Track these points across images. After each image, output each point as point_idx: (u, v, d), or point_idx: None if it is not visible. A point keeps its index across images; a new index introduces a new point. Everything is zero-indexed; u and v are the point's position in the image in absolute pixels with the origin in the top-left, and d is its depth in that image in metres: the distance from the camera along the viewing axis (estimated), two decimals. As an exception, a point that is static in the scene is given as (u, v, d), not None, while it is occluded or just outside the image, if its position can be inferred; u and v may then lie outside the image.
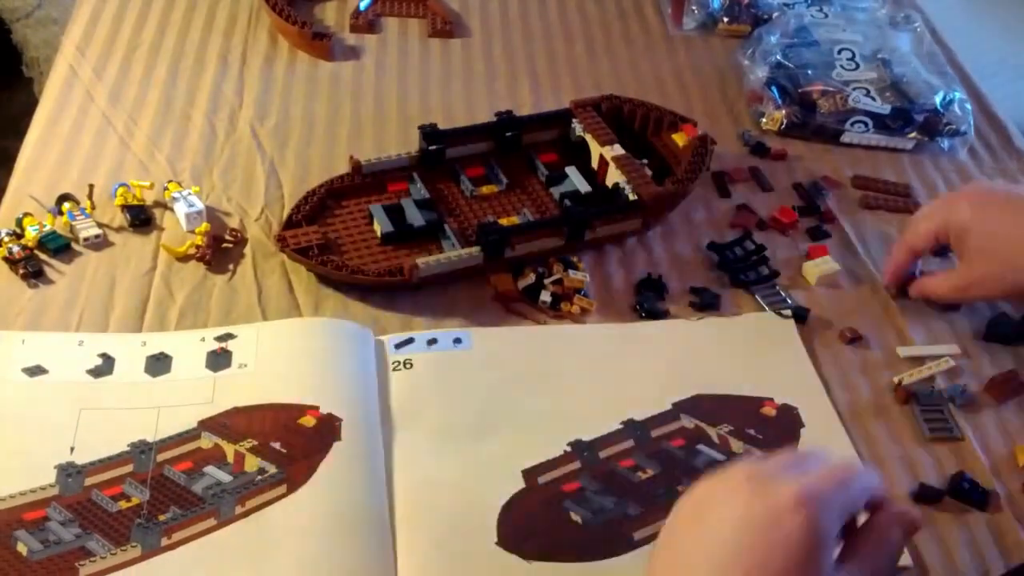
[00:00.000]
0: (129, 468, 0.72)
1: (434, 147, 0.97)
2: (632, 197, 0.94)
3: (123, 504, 0.70)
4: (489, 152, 1.01)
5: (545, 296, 0.88)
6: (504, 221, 0.92)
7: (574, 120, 1.02)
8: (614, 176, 0.96)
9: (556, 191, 0.97)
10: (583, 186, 0.97)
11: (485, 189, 0.98)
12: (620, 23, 1.28)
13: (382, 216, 0.91)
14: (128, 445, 0.73)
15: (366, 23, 1.21)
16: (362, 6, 1.23)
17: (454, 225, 0.93)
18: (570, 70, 1.18)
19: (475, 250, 0.88)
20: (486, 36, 1.23)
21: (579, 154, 1.01)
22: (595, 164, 0.99)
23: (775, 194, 1.04)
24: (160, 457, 0.73)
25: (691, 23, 1.27)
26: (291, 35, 1.16)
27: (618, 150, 0.97)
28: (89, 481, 0.71)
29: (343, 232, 0.91)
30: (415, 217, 0.92)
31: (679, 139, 1.03)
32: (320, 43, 1.15)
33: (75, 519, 0.69)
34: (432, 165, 0.98)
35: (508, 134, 1.01)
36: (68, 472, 0.71)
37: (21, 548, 0.67)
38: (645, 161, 0.98)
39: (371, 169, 0.96)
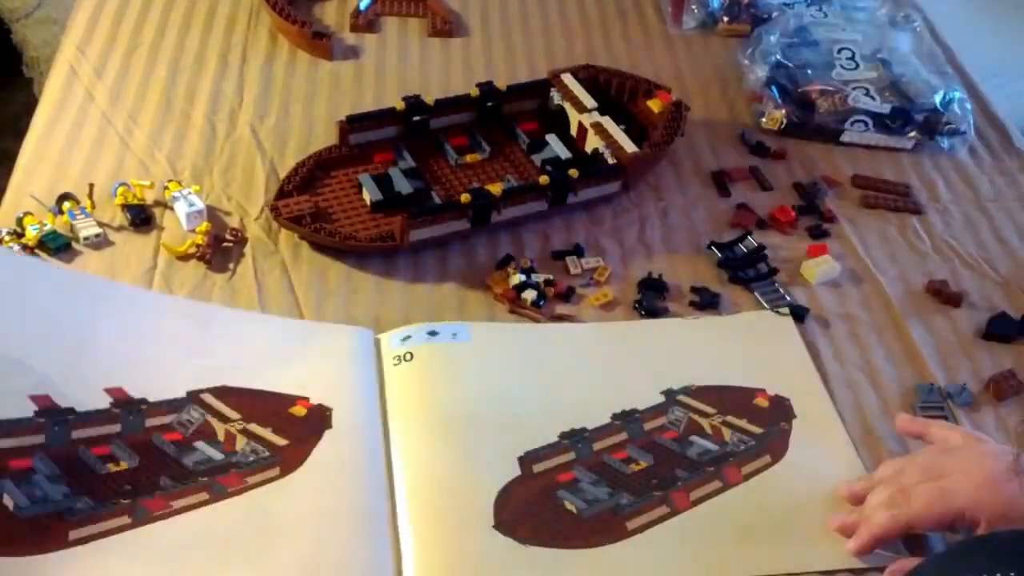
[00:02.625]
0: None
1: (418, 118, 1.00)
2: (612, 161, 0.97)
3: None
4: (471, 122, 1.04)
5: (528, 294, 0.88)
6: (490, 187, 0.94)
7: (553, 89, 1.05)
8: (593, 142, 1.00)
9: (537, 158, 1.00)
10: (563, 152, 1.00)
11: (469, 158, 1.00)
12: (620, 23, 1.28)
13: (371, 185, 0.94)
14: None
15: (366, 22, 1.21)
16: (362, 6, 1.23)
17: (441, 192, 0.96)
18: (570, 70, 1.18)
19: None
20: (486, 36, 1.23)
21: (558, 122, 1.04)
22: (574, 131, 1.03)
23: (775, 193, 1.04)
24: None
25: (691, 23, 1.27)
26: (291, 34, 1.16)
27: (596, 117, 1.01)
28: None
29: (333, 201, 0.94)
30: (403, 185, 0.94)
31: (654, 105, 1.06)
32: (320, 42, 1.15)
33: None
34: (417, 136, 1.01)
35: (489, 104, 1.03)
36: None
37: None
38: (623, 127, 1.00)
39: (358, 140, 0.98)
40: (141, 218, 0.92)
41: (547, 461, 0.76)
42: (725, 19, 1.27)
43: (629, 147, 0.97)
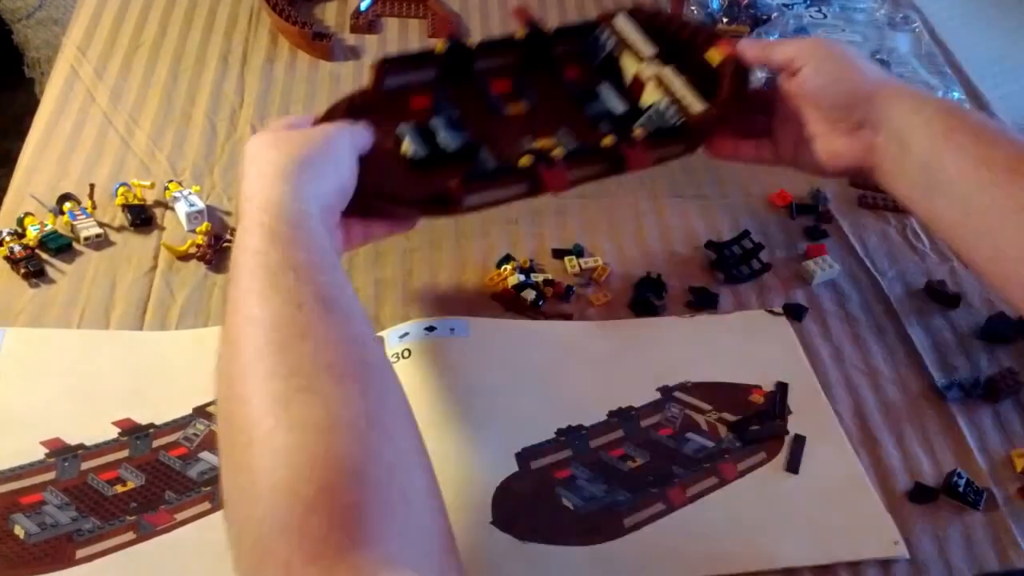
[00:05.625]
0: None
1: (457, 44, 0.88)
2: (676, 120, 0.85)
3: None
4: (514, 65, 0.91)
5: (528, 294, 0.89)
6: (540, 143, 0.83)
7: (604, 32, 0.92)
8: (652, 95, 0.87)
9: (590, 107, 0.89)
10: (618, 107, 0.88)
11: (512, 108, 0.88)
12: (620, 23, 1.28)
13: (415, 138, 0.81)
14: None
15: (366, 23, 1.21)
16: (362, 6, 1.23)
17: (490, 150, 0.83)
18: (570, 70, 1.18)
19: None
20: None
21: (609, 70, 0.91)
22: (628, 82, 0.90)
23: (774, 191, 1.04)
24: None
25: (690, 23, 1.27)
26: (291, 35, 1.16)
27: (656, 67, 0.87)
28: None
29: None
30: (448, 140, 0.82)
31: (714, 56, 0.87)
32: (320, 43, 1.15)
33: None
34: (457, 80, 0.88)
35: (534, 48, 0.91)
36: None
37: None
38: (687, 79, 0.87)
39: (393, 84, 0.86)
40: (142, 218, 0.92)
41: (545, 458, 0.77)
42: (724, 20, 1.27)
43: (698, 105, 0.84)
